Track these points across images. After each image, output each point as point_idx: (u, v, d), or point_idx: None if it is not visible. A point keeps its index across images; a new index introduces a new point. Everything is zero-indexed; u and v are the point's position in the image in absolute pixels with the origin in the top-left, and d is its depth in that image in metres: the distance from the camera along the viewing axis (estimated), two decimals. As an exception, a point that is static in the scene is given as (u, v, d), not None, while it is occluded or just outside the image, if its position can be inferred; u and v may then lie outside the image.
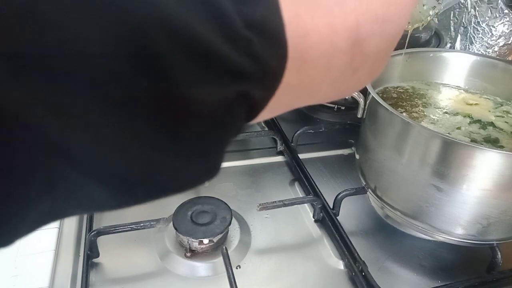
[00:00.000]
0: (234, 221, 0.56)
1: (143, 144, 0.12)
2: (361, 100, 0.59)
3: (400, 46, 0.58)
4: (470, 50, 0.76)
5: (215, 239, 0.52)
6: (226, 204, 0.56)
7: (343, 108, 0.84)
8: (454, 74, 0.67)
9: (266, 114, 0.15)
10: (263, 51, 0.13)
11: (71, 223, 0.56)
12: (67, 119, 0.11)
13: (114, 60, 0.11)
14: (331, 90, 0.18)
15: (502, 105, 0.64)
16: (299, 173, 0.67)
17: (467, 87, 0.67)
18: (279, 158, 0.74)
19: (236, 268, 0.52)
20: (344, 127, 0.78)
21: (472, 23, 0.76)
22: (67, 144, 0.11)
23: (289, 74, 0.14)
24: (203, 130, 0.13)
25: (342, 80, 0.18)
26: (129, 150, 0.12)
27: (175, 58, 0.11)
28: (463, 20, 0.78)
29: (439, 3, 0.48)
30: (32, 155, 0.11)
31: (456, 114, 0.60)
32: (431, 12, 0.48)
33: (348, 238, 0.54)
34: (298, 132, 0.73)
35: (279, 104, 0.16)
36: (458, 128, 0.57)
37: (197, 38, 0.12)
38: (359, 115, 0.60)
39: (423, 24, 0.52)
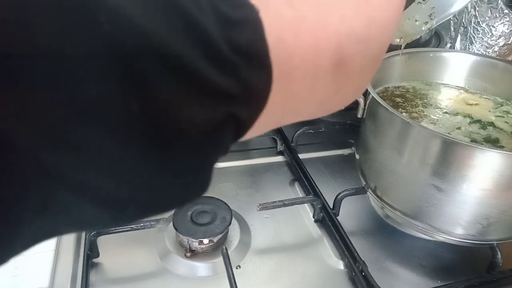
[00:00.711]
0: (234, 221, 0.56)
1: (134, 165, 0.13)
2: (361, 100, 0.59)
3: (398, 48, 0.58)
4: (470, 50, 0.76)
5: (215, 239, 0.52)
6: (226, 204, 0.56)
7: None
8: (454, 74, 0.67)
9: (254, 132, 0.16)
10: (249, 74, 0.14)
11: (71, 223, 0.56)
12: (60, 143, 0.11)
13: (105, 84, 0.11)
14: (316, 108, 0.19)
15: (502, 105, 0.64)
16: (299, 173, 0.67)
17: (467, 87, 0.67)
18: (279, 158, 0.74)
19: (236, 268, 0.52)
20: (344, 127, 0.78)
21: (472, 23, 0.76)
22: (60, 166, 0.11)
23: (274, 95, 0.15)
24: (193, 149, 0.14)
25: (326, 98, 0.19)
26: (120, 171, 0.13)
27: (165, 82, 0.12)
28: (463, 20, 0.78)
29: (431, 19, 0.49)
30: (25, 178, 0.11)
31: (456, 114, 0.60)
32: (423, 28, 0.49)
33: (348, 238, 0.54)
34: (298, 132, 0.73)
35: (266, 123, 0.16)
36: (458, 128, 0.57)
37: (186, 64, 0.12)
38: (359, 115, 0.60)
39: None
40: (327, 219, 0.58)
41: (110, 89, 0.11)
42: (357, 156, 0.63)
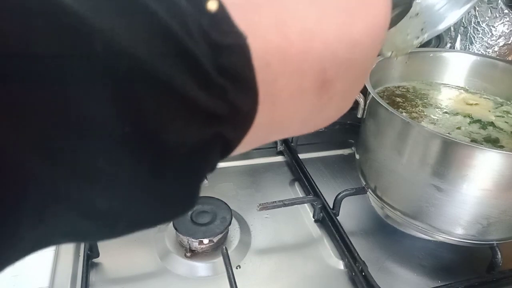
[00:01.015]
0: (234, 221, 0.56)
1: (125, 182, 0.13)
2: (361, 100, 0.59)
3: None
4: (470, 50, 0.76)
5: (215, 239, 0.52)
6: (226, 204, 0.56)
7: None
8: (454, 74, 0.67)
9: (241, 149, 0.17)
10: (236, 97, 0.14)
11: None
12: (56, 161, 0.12)
13: (99, 106, 0.12)
14: (301, 127, 0.20)
15: (502, 105, 0.64)
16: (299, 173, 0.67)
17: (467, 87, 0.67)
18: (279, 158, 0.74)
19: (236, 268, 0.52)
20: (344, 127, 0.78)
21: (472, 23, 0.76)
22: (54, 183, 0.12)
23: (260, 116, 0.16)
24: (181, 168, 0.14)
25: (310, 118, 0.20)
26: (112, 188, 0.13)
27: (156, 106, 0.13)
28: (463, 20, 0.78)
29: (422, 33, 0.49)
30: (20, 193, 0.12)
31: (456, 114, 0.60)
32: (414, 42, 0.49)
33: (348, 238, 0.54)
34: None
35: (252, 141, 0.17)
36: (458, 128, 0.57)
37: (176, 87, 0.13)
38: (359, 115, 0.60)
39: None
40: (327, 219, 0.58)
41: (103, 111, 0.12)
42: (357, 156, 0.63)
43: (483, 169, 0.45)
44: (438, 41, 0.81)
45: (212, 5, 0.14)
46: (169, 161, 0.14)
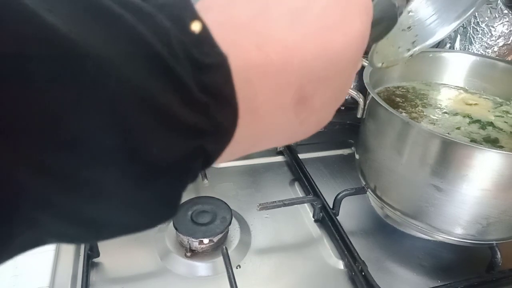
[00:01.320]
0: (234, 221, 0.56)
1: (109, 193, 0.14)
2: (361, 100, 0.59)
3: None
4: (470, 50, 0.77)
5: (215, 239, 0.53)
6: (226, 204, 0.56)
7: (343, 108, 0.84)
8: (453, 74, 0.68)
9: (222, 160, 0.18)
10: (217, 112, 0.15)
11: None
12: (43, 172, 0.12)
13: (89, 121, 0.12)
14: (281, 139, 0.21)
15: (501, 105, 0.64)
16: (299, 173, 0.67)
17: (466, 87, 0.67)
18: (279, 158, 0.74)
19: (236, 268, 0.52)
20: (344, 127, 0.79)
21: (472, 23, 0.76)
22: (42, 193, 0.13)
23: (241, 129, 0.17)
24: (164, 178, 0.15)
25: (290, 131, 0.20)
26: (96, 198, 0.14)
27: (142, 120, 0.14)
28: (463, 20, 0.78)
29: (414, 46, 0.49)
30: (11, 202, 0.12)
31: (456, 114, 0.60)
32: (405, 54, 0.49)
33: (348, 238, 0.54)
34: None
35: (233, 153, 0.18)
36: (458, 128, 0.57)
37: (161, 104, 0.14)
38: (359, 115, 0.60)
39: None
40: (327, 219, 0.58)
41: (90, 126, 0.13)
42: (357, 156, 0.63)
43: (482, 169, 0.45)
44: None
45: (195, 26, 0.15)
46: (152, 173, 0.15)
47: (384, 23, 0.27)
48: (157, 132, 0.14)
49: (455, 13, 0.48)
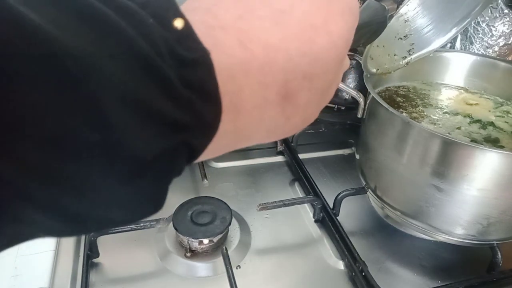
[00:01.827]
0: (234, 221, 0.56)
1: (95, 187, 0.14)
2: (361, 100, 0.59)
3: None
4: (470, 50, 0.76)
5: (215, 239, 0.52)
6: (226, 204, 0.56)
7: (343, 108, 0.84)
8: (454, 74, 0.67)
9: (207, 155, 0.18)
10: (200, 107, 0.15)
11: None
12: (31, 170, 0.13)
13: (69, 116, 0.13)
14: (267, 135, 0.21)
15: (502, 105, 0.64)
16: (299, 173, 0.67)
17: (467, 87, 0.67)
18: (279, 158, 0.74)
19: (236, 268, 0.52)
20: (344, 127, 0.78)
21: (472, 23, 0.75)
22: (26, 189, 0.13)
23: (225, 124, 0.17)
24: (148, 173, 0.15)
25: (276, 127, 0.21)
26: (81, 194, 0.14)
27: (125, 116, 0.14)
28: (463, 20, 0.78)
29: (410, 54, 0.50)
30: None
31: (456, 114, 0.60)
32: (401, 62, 0.50)
33: (348, 238, 0.54)
34: (298, 132, 0.73)
35: (218, 147, 0.18)
36: (458, 128, 0.57)
37: (143, 99, 0.14)
38: (359, 115, 0.60)
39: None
40: (327, 219, 0.58)
41: (73, 122, 0.13)
42: (357, 156, 0.63)
43: (483, 169, 0.45)
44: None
45: (178, 23, 0.15)
46: (136, 167, 0.15)
47: (373, 26, 0.28)
48: (140, 127, 0.14)
49: (450, 24, 0.49)
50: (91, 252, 0.51)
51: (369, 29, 0.28)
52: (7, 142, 0.12)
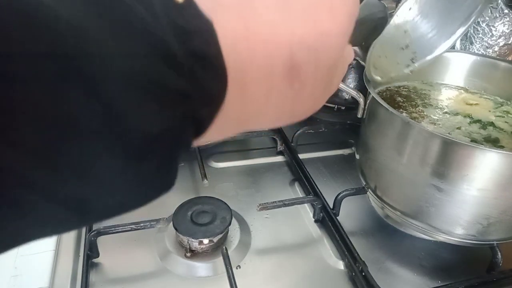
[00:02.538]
0: (234, 221, 0.56)
1: (100, 168, 0.14)
2: (361, 100, 0.59)
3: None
4: (470, 50, 0.76)
5: (215, 239, 0.52)
6: (226, 204, 0.56)
7: (343, 108, 0.84)
8: (454, 74, 0.67)
9: (216, 134, 0.18)
10: (204, 76, 0.15)
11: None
12: (30, 153, 0.12)
13: (68, 93, 0.12)
14: (277, 114, 0.21)
15: (502, 105, 0.64)
16: (299, 173, 0.67)
17: (467, 87, 0.67)
18: (279, 158, 0.74)
19: (236, 268, 0.52)
20: (344, 127, 0.78)
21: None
22: (32, 175, 0.12)
23: (231, 94, 0.16)
24: (155, 148, 0.15)
25: (285, 103, 0.20)
26: (86, 174, 0.14)
27: (125, 88, 0.13)
28: (463, 20, 0.78)
29: (413, 62, 0.50)
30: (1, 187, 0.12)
31: (456, 114, 0.60)
32: (405, 70, 0.50)
33: (348, 238, 0.54)
34: (298, 132, 0.73)
35: (227, 125, 0.18)
36: (458, 128, 0.57)
37: (144, 69, 0.14)
38: (359, 115, 0.60)
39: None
40: (327, 219, 0.58)
41: (71, 97, 0.12)
42: (357, 156, 0.63)
43: (483, 169, 0.45)
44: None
45: None
46: (142, 142, 0.14)
47: (374, 21, 0.28)
48: (142, 98, 0.14)
49: (452, 28, 0.48)
50: (91, 252, 0.51)
51: (370, 24, 0.28)
52: (3, 124, 0.11)
